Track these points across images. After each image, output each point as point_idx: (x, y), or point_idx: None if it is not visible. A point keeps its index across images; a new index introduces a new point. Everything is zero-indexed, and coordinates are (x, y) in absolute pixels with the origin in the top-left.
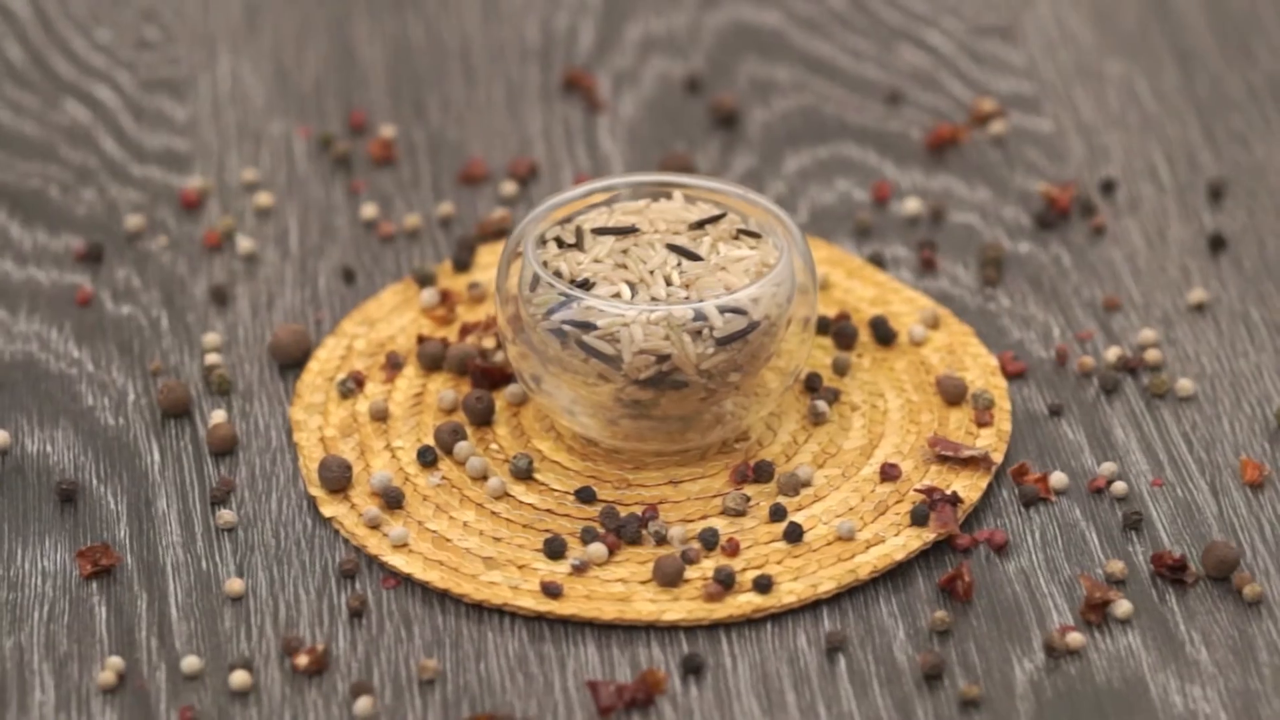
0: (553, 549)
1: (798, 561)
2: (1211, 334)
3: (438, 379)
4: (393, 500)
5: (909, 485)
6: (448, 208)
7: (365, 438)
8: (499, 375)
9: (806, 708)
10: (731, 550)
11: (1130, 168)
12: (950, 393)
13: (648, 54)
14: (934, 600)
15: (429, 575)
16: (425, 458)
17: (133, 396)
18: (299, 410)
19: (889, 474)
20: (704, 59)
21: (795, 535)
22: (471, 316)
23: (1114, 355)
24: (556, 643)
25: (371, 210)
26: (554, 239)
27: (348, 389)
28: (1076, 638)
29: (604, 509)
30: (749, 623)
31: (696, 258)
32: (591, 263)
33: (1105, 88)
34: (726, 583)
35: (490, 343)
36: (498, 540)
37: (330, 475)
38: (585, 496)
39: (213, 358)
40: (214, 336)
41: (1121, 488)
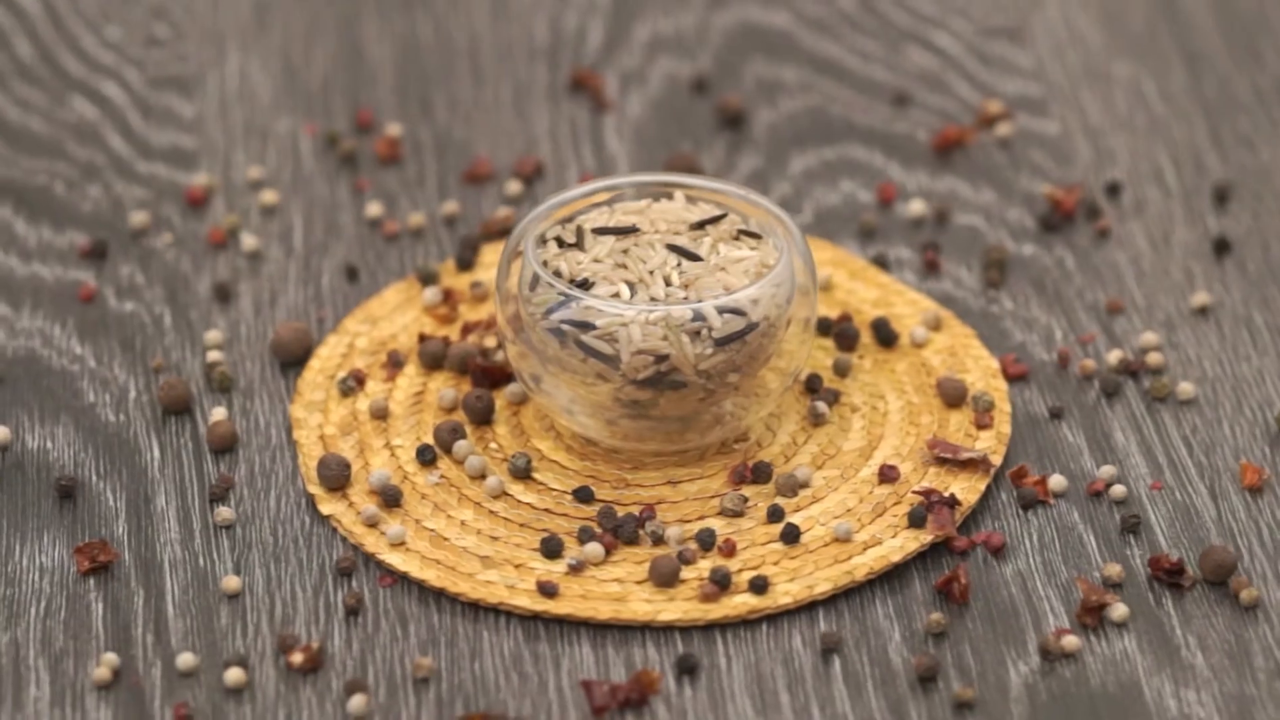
0: (549, 548)
1: (794, 563)
2: (1214, 338)
3: (438, 378)
4: (391, 499)
5: (907, 487)
6: (452, 206)
7: (365, 436)
8: (499, 374)
9: (800, 709)
10: (728, 551)
11: (1136, 170)
12: (950, 395)
13: (655, 54)
14: (930, 602)
15: (425, 574)
16: (424, 456)
17: (134, 393)
18: (299, 408)
19: (887, 476)
20: (711, 59)
21: (792, 536)
22: (473, 315)
23: (1115, 358)
24: (552, 642)
25: (376, 208)
26: (554, 238)
27: (348, 387)
28: (1072, 641)
29: (602, 509)
30: (744, 623)
31: (696, 258)
32: (591, 262)
33: (1113, 90)
34: (722, 583)
35: (491, 342)
36: (495, 539)
37: (329, 473)
38: (583, 496)
39: (214, 355)
40: (216, 334)
41: (1120, 491)
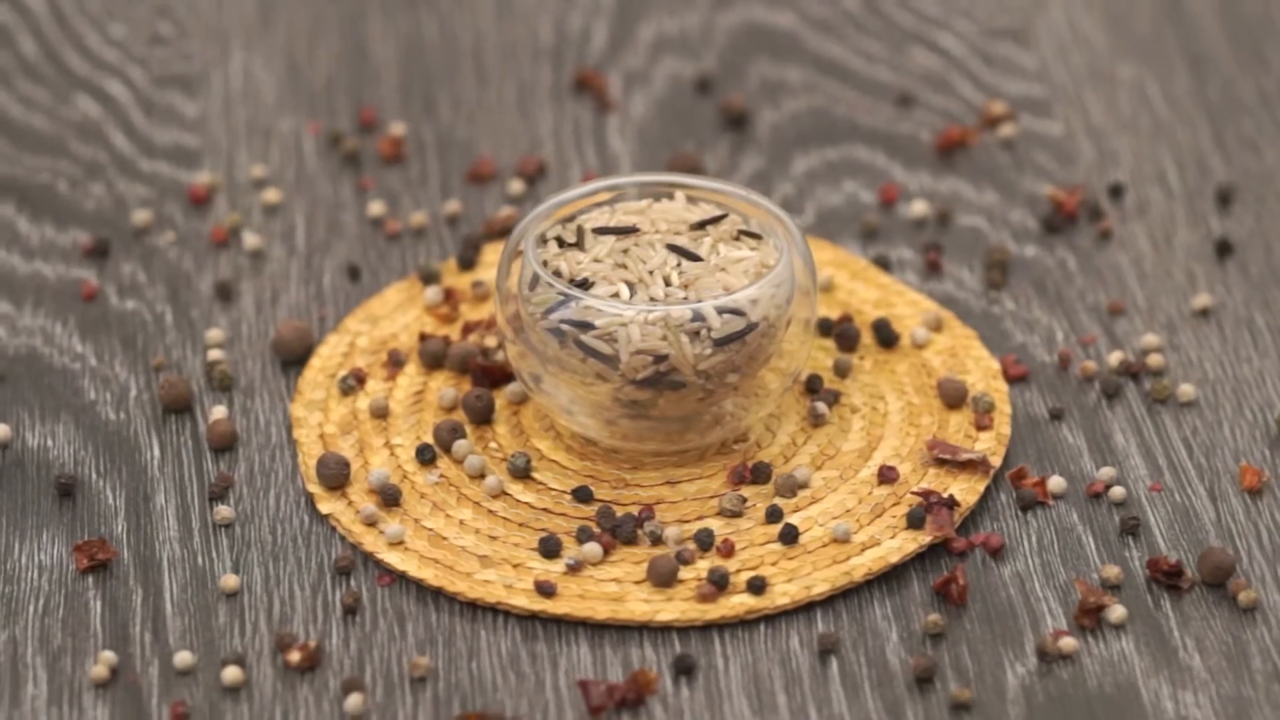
0: (548, 548)
1: (792, 563)
2: (1215, 339)
3: (439, 377)
4: (390, 498)
5: (906, 488)
6: (455, 206)
7: (365, 435)
8: (500, 374)
9: (797, 709)
10: (726, 551)
11: (1139, 172)
12: (950, 396)
13: (660, 54)
14: (928, 603)
15: (423, 573)
16: (424, 455)
17: (134, 392)
18: (299, 407)
19: (886, 477)
20: (716, 59)
21: (790, 537)
22: (474, 315)
23: (1116, 360)
24: (549, 642)
25: (379, 208)
26: (555, 238)
27: (349, 386)
28: (1069, 642)
29: (600, 508)
30: (742, 624)
31: (696, 258)
32: (591, 262)
33: (1117, 91)
34: (720, 584)
35: (492, 341)
36: (494, 539)
37: (328, 472)
38: (582, 496)
39: (215, 353)
40: (217, 332)
41: (1120, 493)
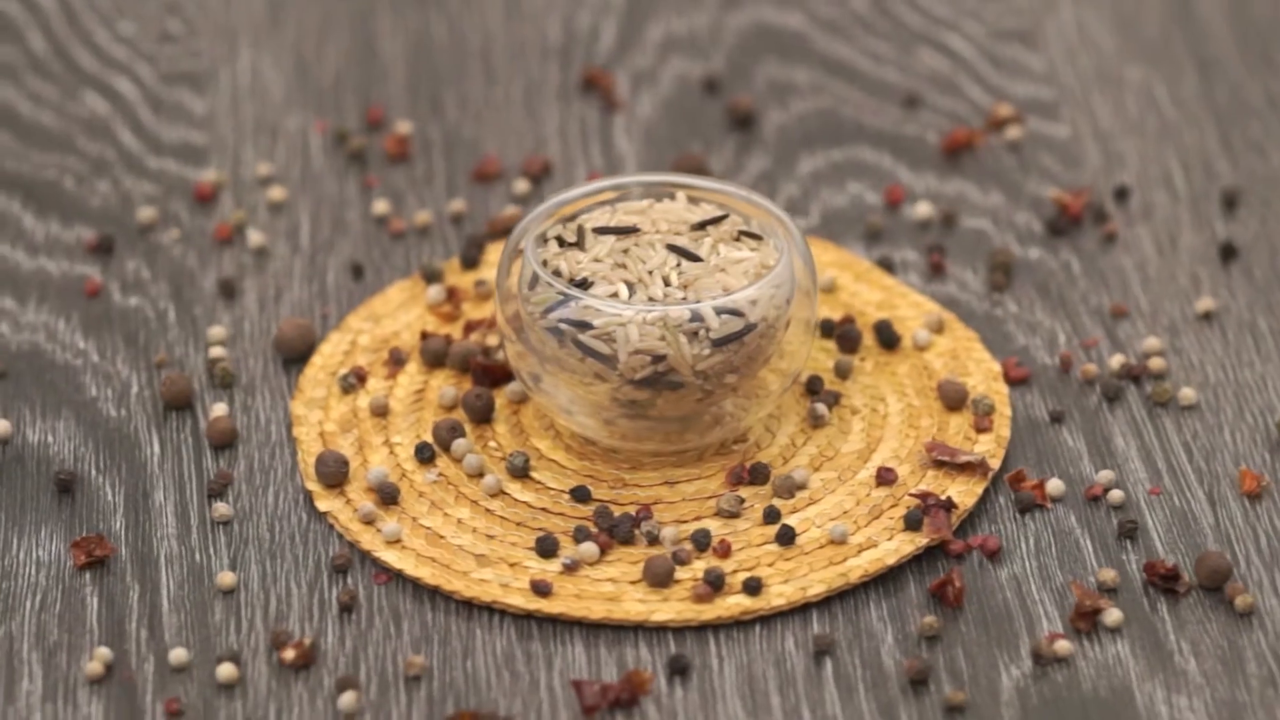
0: (544, 547)
1: (789, 564)
2: (1217, 343)
3: (440, 376)
4: (388, 496)
5: (905, 490)
6: (459, 205)
7: (364, 433)
8: (500, 373)
9: (791, 710)
10: (723, 552)
11: (1145, 175)
12: (951, 398)
13: (668, 54)
14: (924, 605)
15: (420, 572)
16: (423, 454)
17: (136, 388)
18: (300, 405)
19: (885, 478)
20: (724, 60)
21: (787, 538)
22: (477, 314)
23: (1118, 363)
24: (544, 641)
25: (383, 206)
26: (555, 238)
27: (349, 384)
28: (1065, 645)
29: (598, 508)
30: (737, 624)
31: (696, 258)
32: (591, 262)
33: (1124, 94)
34: (716, 584)
35: (493, 340)
36: (491, 538)
37: (327, 470)
38: (580, 495)
39: (217, 351)
40: (219, 330)
41: (1118, 496)
